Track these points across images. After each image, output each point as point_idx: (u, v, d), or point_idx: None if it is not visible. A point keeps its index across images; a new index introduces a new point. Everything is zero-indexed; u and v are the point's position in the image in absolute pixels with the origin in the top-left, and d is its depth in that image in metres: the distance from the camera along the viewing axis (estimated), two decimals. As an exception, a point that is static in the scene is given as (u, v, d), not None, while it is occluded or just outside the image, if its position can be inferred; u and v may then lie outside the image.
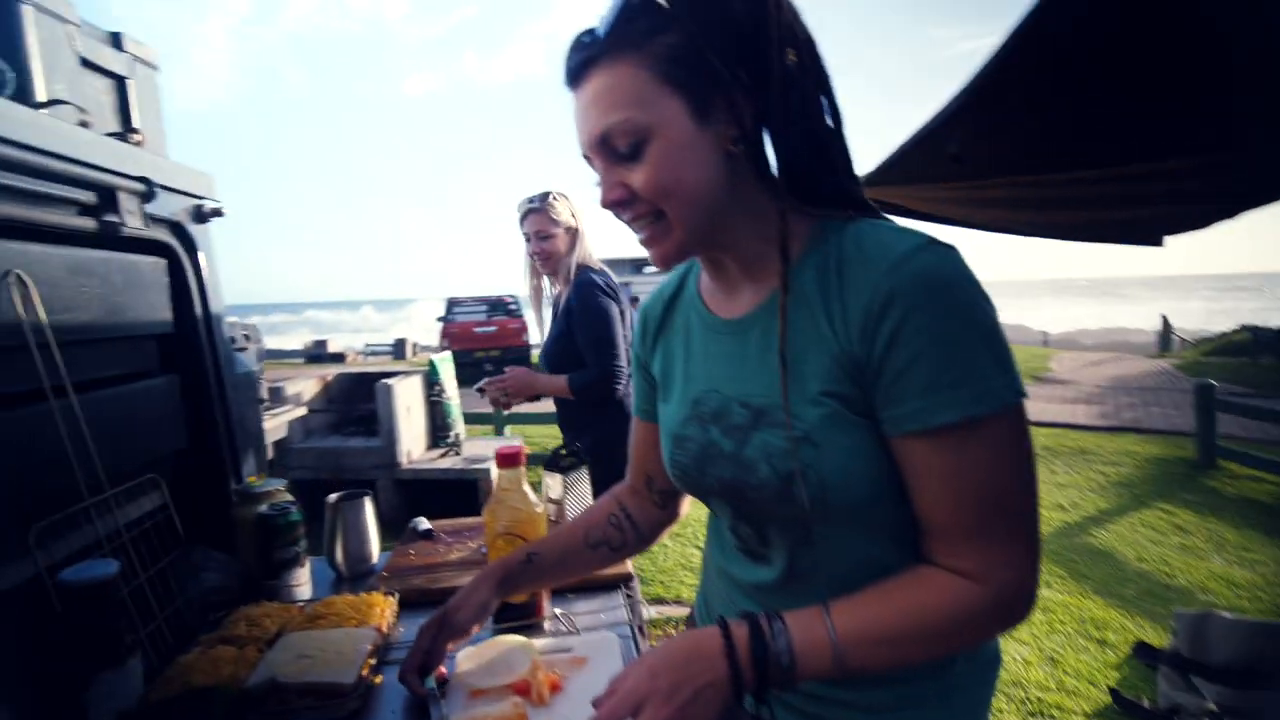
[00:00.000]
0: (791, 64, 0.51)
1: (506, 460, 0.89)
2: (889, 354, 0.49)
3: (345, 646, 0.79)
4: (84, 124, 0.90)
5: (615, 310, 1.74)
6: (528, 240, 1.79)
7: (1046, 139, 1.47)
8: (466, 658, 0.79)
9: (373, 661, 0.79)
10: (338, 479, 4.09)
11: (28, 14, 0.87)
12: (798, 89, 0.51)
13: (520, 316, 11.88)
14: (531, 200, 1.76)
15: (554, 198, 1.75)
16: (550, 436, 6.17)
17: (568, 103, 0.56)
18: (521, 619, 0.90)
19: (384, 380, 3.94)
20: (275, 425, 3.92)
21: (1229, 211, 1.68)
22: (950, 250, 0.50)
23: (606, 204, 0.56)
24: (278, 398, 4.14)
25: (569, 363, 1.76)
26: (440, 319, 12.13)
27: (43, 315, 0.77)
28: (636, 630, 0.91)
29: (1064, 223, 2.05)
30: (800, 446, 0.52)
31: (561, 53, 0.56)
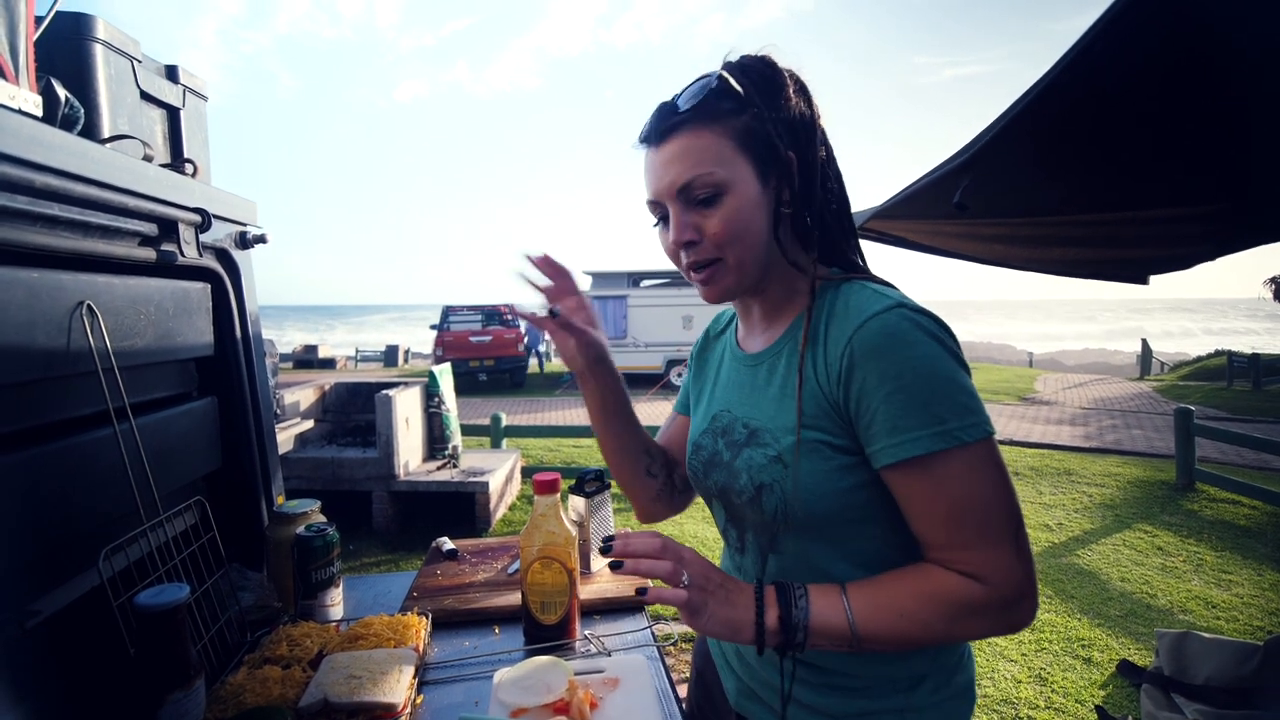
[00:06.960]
0: (822, 157, 0.65)
1: (544, 487, 0.93)
2: (860, 401, 0.58)
3: (390, 667, 0.82)
4: (147, 157, 0.94)
5: None
6: None
7: (1046, 190, 1.56)
8: (505, 677, 0.83)
9: (415, 681, 0.83)
10: (333, 490, 4.06)
11: (98, 52, 0.91)
12: (825, 176, 0.65)
13: (516, 326, 11.76)
14: None
15: None
16: (546, 449, 6.17)
17: (562, 117, 0.64)
18: (554, 640, 0.94)
19: (384, 391, 3.93)
20: (284, 439, 3.89)
21: (1210, 255, 1.79)
22: (917, 313, 0.58)
23: (677, 241, 0.64)
24: (279, 408, 4.12)
25: None
26: (435, 327, 11.94)
27: (109, 343, 0.80)
28: (662, 653, 0.96)
29: (1057, 259, 2.16)
30: (772, 464, 0.63)
31: (548, 71, 0.64)
